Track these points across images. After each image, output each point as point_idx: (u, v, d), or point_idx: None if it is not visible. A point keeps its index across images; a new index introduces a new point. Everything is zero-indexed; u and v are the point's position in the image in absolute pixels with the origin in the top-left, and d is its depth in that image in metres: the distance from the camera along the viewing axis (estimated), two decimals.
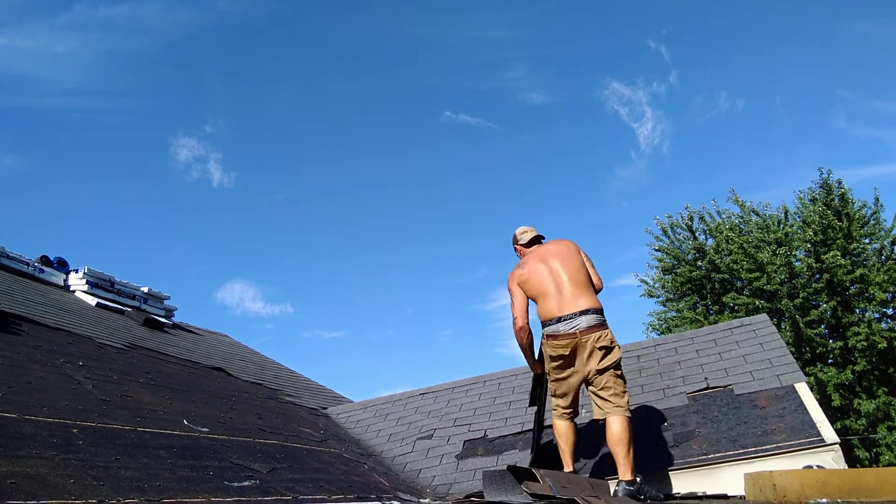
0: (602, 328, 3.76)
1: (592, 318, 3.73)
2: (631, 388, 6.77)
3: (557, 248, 3.98)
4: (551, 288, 3.82)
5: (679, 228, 17.96)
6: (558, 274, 3.84)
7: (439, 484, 5.42)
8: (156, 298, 9.44)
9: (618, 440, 3.56)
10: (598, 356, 3.72)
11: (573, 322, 3.71)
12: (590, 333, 3.71)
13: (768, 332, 6.78)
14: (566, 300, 3.76)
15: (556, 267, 3.88)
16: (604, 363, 3.72)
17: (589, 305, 3.75)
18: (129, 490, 2.80)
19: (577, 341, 3.70)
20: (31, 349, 4.89)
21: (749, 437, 5.08)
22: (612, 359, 3.74)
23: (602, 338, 3.73)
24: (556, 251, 3.95)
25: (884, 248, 15.74)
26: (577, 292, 3.77)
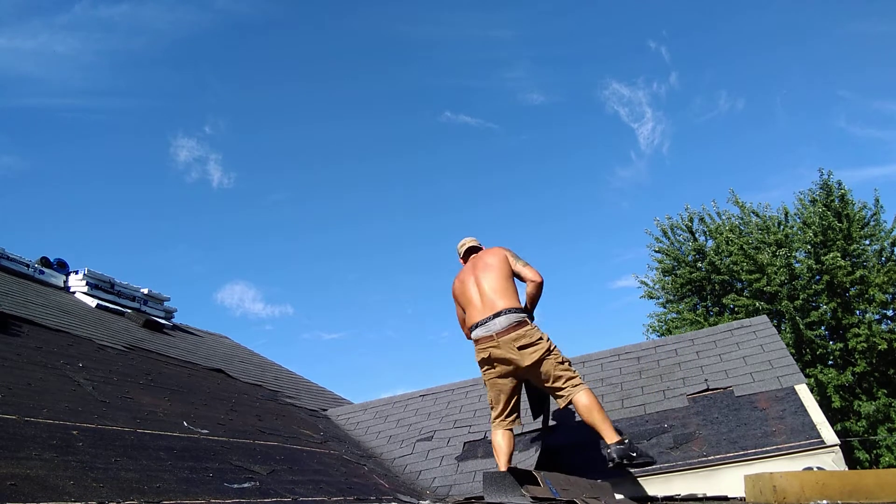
0: (521, 327, 3.78)
1: (508, 318, 3.77)
2: (631, 389, 6.78)
3: (483, 261, 4.07)
4: (475, 297, 3.92)
5: (679, 230, 17.98)
6: (481, 283, 3.94)
7: (439, 486, 5.42)
8: (156, 300, 9.45)
9: (589, 410, 3.63)
10: (523, 354, 3.75)
11: (489, 325, 3.78)
12: (507, 334, 3.75)
13: (768, 334, 6.78)
14: (486, 306, 3.85)
15: (479, 277, 3.98)
16: (533, 357, 3.75)
17: (505, 306, 3.80)
18: (129, 492, 2.80)
19: (495, 343, 3.76)
20: (31, 351, 4.89)
21: (749, 439, 5.07)
22: (540, 352, 3.76)
23: (521, 336, 3.75)
24: (483, 263, 4.04)
25: (884, 249, 15.75)
26: (497, 297, 3.84)
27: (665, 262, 17.97)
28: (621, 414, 6.31)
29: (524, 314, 3.84)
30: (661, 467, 4.86)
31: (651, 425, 5.89)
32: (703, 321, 16.15)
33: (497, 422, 4.01)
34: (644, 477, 5.12)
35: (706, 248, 17.30)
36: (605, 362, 7.59)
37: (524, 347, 3.74)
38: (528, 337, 3.76)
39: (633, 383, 6.85)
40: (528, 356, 3.74)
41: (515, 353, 3.73)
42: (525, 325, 3.79)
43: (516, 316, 3.79)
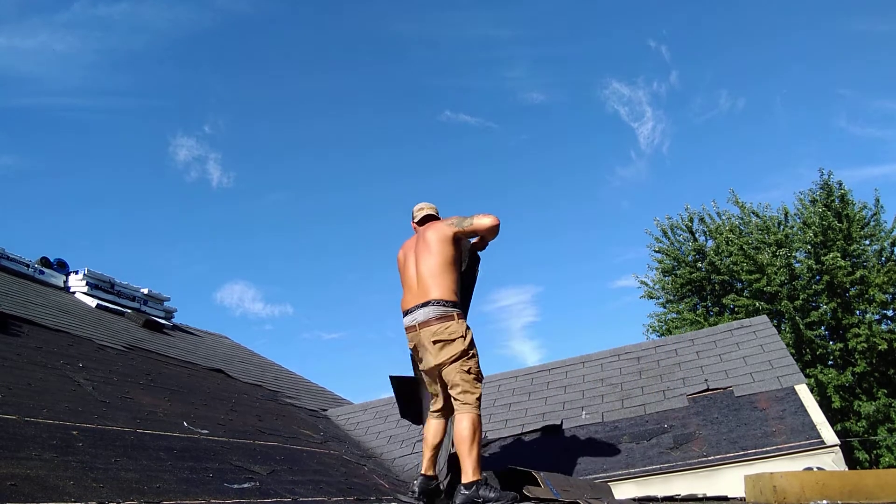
0: (444, 320, 3.45)
1: (432, 310, 3.46)
2: (631, 389, 6.78)
3: (426, 238, 3.70)
4: (412, 280, 3.64)
5: (679, 230, 17.99)
6: (419, 265, 3.63)
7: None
8: (156, 300, 9.45)
9: (461, 439, 3.29)
10: (435, 350, 3.43)
11: (415, 314, 3.52)
12: (428, 326, 3.46)
13: (768, 334, 6.79)
14: (419, 292, 3.56)
15: (419, 256, 3.66)
16: (441, 357, 3.41)
17: (433, 297, 3.49)
18: (129, 492, 2.80)
19: (417, 334, 3.50)
20: (31, 351, 4.89)
21: (749, 439, 5.07)
22: (451, 353, 3.41)
23: (440, 331, 3.43)
24: (424, 241, 3.69)
25: (884, 249, 15.76)
26: (431, 283, 3.53)
27: (665, 262, 17.97)
28: (621, 414, 6.31)
29: (453, 308, 3.48)
30: (661, 467, 4.86)
31: (651, 425, 5.89)
32: (703, 321, 16.15)
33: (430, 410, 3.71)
34: (644, 477, 5.12)
35: (706, 248, 17.31)
36: (605, 362, 7.59)
37: (437, 343, 3.43)
38: (446, 334, 3.42)
39: (633, 383, 6.85)
40: (437, 354, 3.42)
41: (430, 347, 3.44)
42: (449, 319, 3.45)
43: (442, 309, 3.45)
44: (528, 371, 8.07)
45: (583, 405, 6.73)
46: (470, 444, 3.27)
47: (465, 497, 3.19)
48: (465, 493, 3.19)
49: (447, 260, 3.57)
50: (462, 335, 3.45)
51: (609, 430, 6.07)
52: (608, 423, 6.21)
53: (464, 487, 3.21)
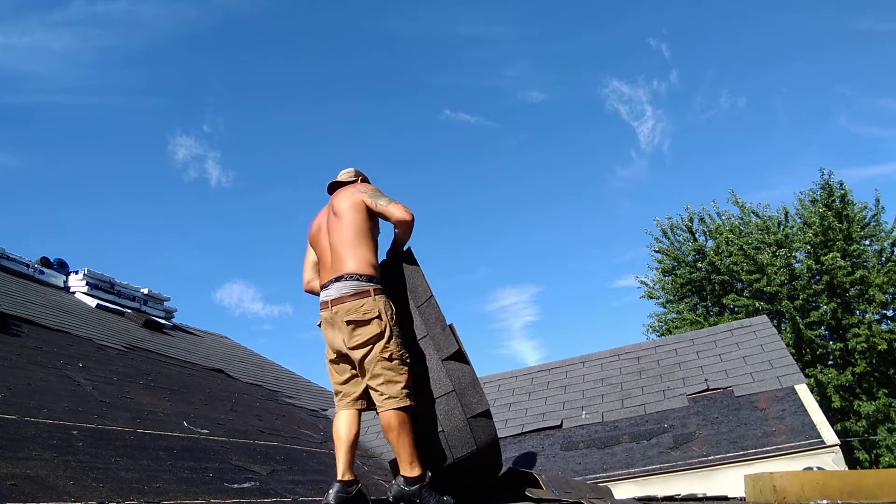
0: (358, 297, 3.01)
1: (347, 285, 3.03)
2: (631, 389, 6.79)
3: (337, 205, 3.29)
4: (325, 253, 3.25)
5: (679, 230, 18.00)
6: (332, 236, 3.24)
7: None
8: (156, 300, 9.45)
9: (386, 429, 2.90)
10: (346, 332, 2.98)
11: (328, 290, 3.09)
12: (341, 304, 3.01)
13: (768, 334, 6.79)
14: (332, 266, 3.15)
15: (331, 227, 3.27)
16: (354, 340, 2.96)
17: (349, 270, 3.07)
18: (129, 492, 2.80)
19: (329, 313, 3.06)
20: (31, 351, 4.89)
21: (749, 439, 5.08)
22: (365, 335, 2.95)
23: (353, 309, 2.98)
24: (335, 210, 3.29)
25: (884, 249, 15.77)
26: (346, 255, 3.13)
27: (665, 263, 17.99)
28: (621, 414, 6.32)
29: (368, 283, 3.04)
30: (661, 467, 4.87)
31: (651, 425, 5.90)
32: (703, 321, 16.16)
33: (338, 398, 3.16)
34: (644, 477, 5.12)
35: (706, 249, 17.32)
36: (605, 362, 7.59)
37: (351, 324, 2.97)
38: (360, 313, 2.97)
39: (633, 383, 6.85)
40: (349, 336, 2.97)
41: (343, 328, 3.00)
42: (364, 296, 3.00)
43: (356, 284, 3.02)
44: (528, 371, 8.08)
45: (583, 405, 6.73)
46: (397, 434, 2.87)
47: (402, 493, 2.82)
48: (404, 490, 2.83)
49: (360, 229, 3.19)
50: (378, 315, 2.98)
51: (609, 430, 6.08)
52: (608, 423, 6.22)
53: (403, 480, 2.84)
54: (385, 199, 3.27)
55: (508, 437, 6.43)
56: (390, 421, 2.88)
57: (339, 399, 3.12)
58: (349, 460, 2.97)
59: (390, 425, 2.88)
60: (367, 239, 3.20)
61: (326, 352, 3.16)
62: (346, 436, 3.01)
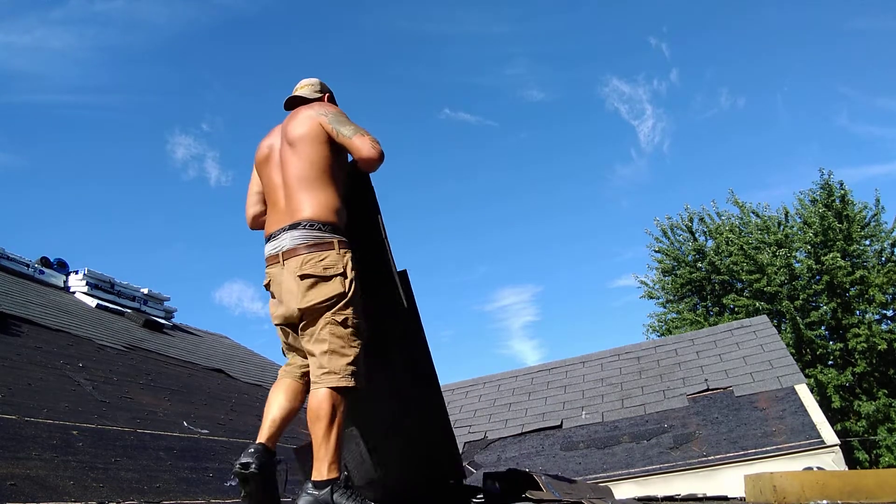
0: (318, 248, 2.47)
1: (305, 235, 2.49)
2: (631, 389, 6.79)
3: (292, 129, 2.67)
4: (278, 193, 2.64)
5: (679, 230, 18.02)
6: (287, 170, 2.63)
7: None
8: (156, 300, 9.45)
9: (313, 416, 2.31)
10: (301, 289, 2.42)
11: (280, 240, 2.53)
12: (295, 256, 2.47)
13: (768, 334, 6.79)
14: (287, 211, 2.57)
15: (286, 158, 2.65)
16: (309, 300, 2.41)
17: (307, 216, 2.51)
18: (129, 492, 2.80)
19: (280, 266, 2.51)
20: (31, 351, 4.89)
21: (749, 439, 5.08)
22: (322, 296, 2.41)
23: (311, 262, 2.44)
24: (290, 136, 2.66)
25: (884, 249, 15.78)
26: (303, 197, 2.55)
27: (665, 262, 18.00)
28: (621, 414, 6.32)
29: (332, 234, 2.50)
30: (661, 467, 4.87)
31: (651, 425, 5.89)
32: (703, 321, 16.16)
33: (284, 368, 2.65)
34: (644, 477, 5.12)
35: (706, 249, 17.33)
36: (605, 362, 7.59)
37: (306, 279, 2.42)
38: (320, 267, 2.43)
39: (633, 383, 6.85)
40: (303, 295, 2.42)
41: (295, 285, 2.45)
42: (326, 248, 2.47)
43: (316, 234, 2.48)
44: (528, 371, 8.08)
45: (583, 405, 6.73)
46: (328, 424, 2.29)
47: (313, 499, 2.25)
48: (314, 494, 2.25)
49: (321, 165, 2.59)
50: (343, 272, 2.45)
51: (609, 430, 6.07)
52: (608, 423, 6.21)
53: (312, 486, 2.26)
54: (350, 127, 2.63)
55: (508, 437, 6.43)
56: (322, 403, 2.29)
57: (285, 369, 2.60)
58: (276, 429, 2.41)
59: (321, 409, 2.29)
60: (330, 178, 2.59)
61: (271, 311, 2.61)
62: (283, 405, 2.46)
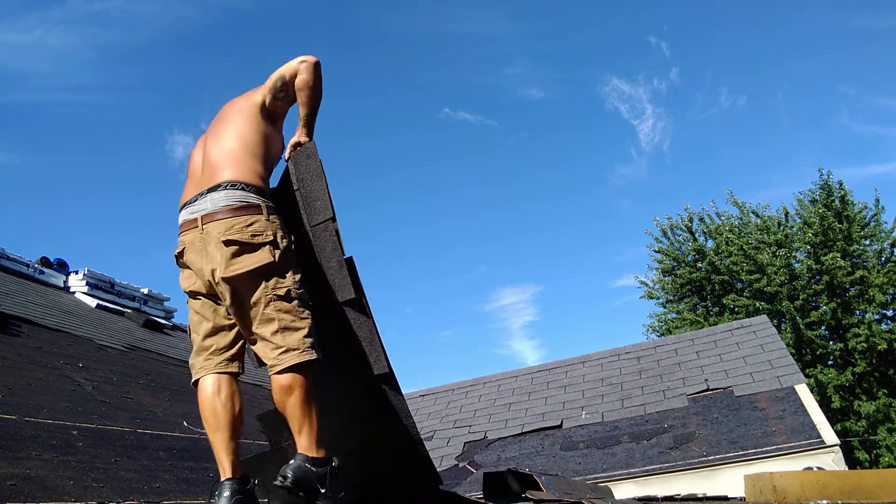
0: (244, 212, 2.19)
1: (227, 196, 2.20)
2: (631, 389, 6.79)
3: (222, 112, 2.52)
4: (196, 164, 2.40)
5: (679, 230, 18.03)
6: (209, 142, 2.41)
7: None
8: (156, 300, 9.45)
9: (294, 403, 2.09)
10: (225, 256, 2.14)
11: (198, 204, 2.24)
12: (218, 220, 2.18)
13: (768, 334, 6.79)
14: (204, 176, 2.31)
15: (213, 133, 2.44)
16: (234, 268, 2.13)
17: (231, 177, 2.25)
18: (129, 492, 2.80)
19: (197, 231, 2.21)
20: (31, 351, 4.89)
21: (749, 439, 5.08)
22: (251, 264, 2.14)
23: (237, 227, 2.16)
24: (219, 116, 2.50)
25: (884, 250, 15.79)
26: (225, 161, 2.29)
27: (665, 263, 18.01)
28: (621, 414, 6.32)
29: (259, 197, 2.24)
30: (661, 467, 4.87)
31: (651, 425, 5.89)
32: (703, 321, 16.17)
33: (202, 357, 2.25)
34: (644, 477, 5.12)
35: (706, 249, 17.34)
36: (605, 362, 7.60)
37: (231, 245, 2.14)
38: (247, 233, 2.16)
39: (633, 383, 6.85)
40: (226, 263, 2.14)
41: (216, 252, 2.15)
42: (254, 213, 2.20)
43: (241, 194, 2.21)
44: (528, 371, 8.08)
45: (583, 405, 6.73)
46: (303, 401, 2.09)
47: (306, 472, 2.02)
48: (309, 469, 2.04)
49: (249, 133, 2.37)
50: (272, 240, 2.19)
51: (609, 430, 6.07)
52: (608, 423, 6.22)
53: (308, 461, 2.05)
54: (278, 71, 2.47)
55: (508, 437, 6.43)
56: (290, 381, 2.10)
57: (206, 358, 2.24)
58: (236, 449, 2.13)
59: (290, 387, 2.10)
60: (259, 146, 2.36)
61: (184, 286, 2.32)
62: (227, 415, 2.15)
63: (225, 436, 2.13)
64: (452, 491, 3.12)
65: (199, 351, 2.27)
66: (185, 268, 2.30)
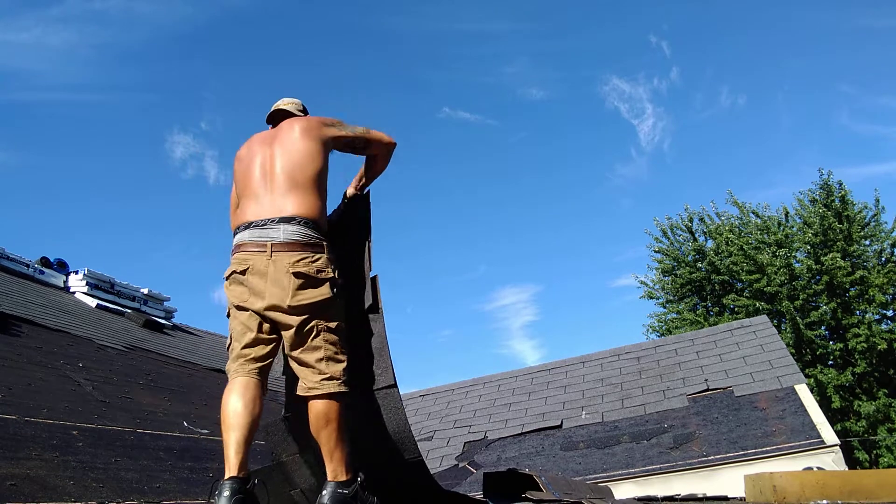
0: (311, 250, 2.43)
1: (297, 231, 2.43)
2: (631, 389, 6.79)
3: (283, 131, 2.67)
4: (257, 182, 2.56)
5: (679, 230, 18.03)
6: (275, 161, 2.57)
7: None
8: (156, 300, 9.45)
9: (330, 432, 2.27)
10: (291, 286, 2.36)
11: (266, 230, 2.44)
12: (287, 251, 2.40)
13: (768, 334, 6.79)
14: (272, 202, 2.50)
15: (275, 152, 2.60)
16: (299, 299, 2.36)
17: (299, 213, 2.46)
18: (129, 492, 2.80)
19: (266, 258, 2.41)
20: (31, 351, 4.89)
21: (749, 439, 5.08)
22: (314, 297, 2.37)
23: (305, 262, 2.39)
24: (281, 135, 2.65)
25: (884, 250, 15.79)
26: (294, 192, 2.50)
27: (665, 263, 18.01)
28: (621, 414, 6.32)
29: (322, 238, 2.48)
30: (661, 467, 4.87)
31: (651, 425, 5.89)
32: (703, 321, 16.17)
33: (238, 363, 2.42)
34: (644, 477, 5.12)
35: (706, 249, 17.35)
36: (605, 362, 7.59)
37: (301, 278, 2.37)
38: (313, 268, 2.40)
39: (633, 383, 6.85)
40: (292, 293, 2.36)
41: (286, 280, 2.37)
42: (318, 251, 2.44)
43: (311, 234, 2.44)
44: (527, 371, 8.08)
45: (583, 405, 6.73)
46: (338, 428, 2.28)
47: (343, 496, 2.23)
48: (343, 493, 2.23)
49: (315, 167, 2.55)
50: (333, 277, 2.43)
51: (609, 430, 6.07)
52: (608, 423, 6.21)
53: (338, 485, 2.24)
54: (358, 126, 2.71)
55: (508, 437, 6.44)
56: (329, 410, 2.27)
57: (241, 364, 2.40)
58: (246, 451, 2.23)
59: (328, 416, 2.26)
60: (320, 184, 2.56)
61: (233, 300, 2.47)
62: (247, 415, 2.27)
63: (239, 434, 2.23)
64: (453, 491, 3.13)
65: (237, 358, 2.43)
66: (240, 284, 2.46)
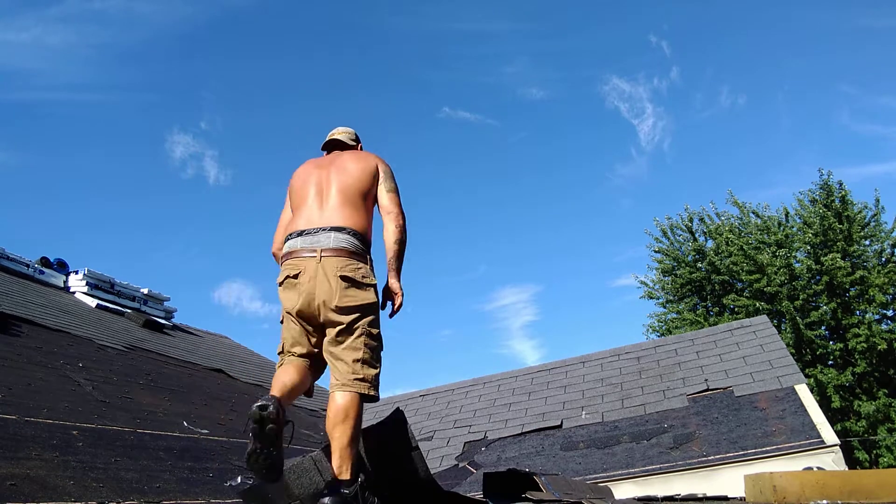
0: (357, 258, 2.64)
1: (346, 239, 2.63)
2: (631, 389, 6.79)
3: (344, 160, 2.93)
4: (312, 197, 2.79)
5: (679, 230, 18.03)
6: (331, 182, 2.81)
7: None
8: (156, 300, 9.45)
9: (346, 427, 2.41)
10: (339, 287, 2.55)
11: (317, 237, 2.64)
12: (336, 256, 2.60)
13: (768, 334, 6.79)
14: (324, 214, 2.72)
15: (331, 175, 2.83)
16: (346, 300, 2.55)
17: (351, 225, 2.68)
18: (129, 492, 2.80)
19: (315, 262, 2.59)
20: (31, 351, 4.89)
21: (749, 439, 5.08)
22: (360, 300, 2.58)
23: (351, 267, 2.59)
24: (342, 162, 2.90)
25: (884, 250, 15.79)
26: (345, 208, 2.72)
27: (665, 263, 18.01)
28: (621, 414, 6.32)
29: (367, 252, 2.73)
30: (661, 467, 4.87)
31: (651, 425, 5.89)
32: (703, 321, 16.17)
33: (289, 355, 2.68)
34: (644, 477, 5.12)
35: (706, 249, 17.34)
36: (605, 362, 7.59)
37: (347, 281, 2.57)
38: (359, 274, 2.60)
39: (633, 383, 6.85)
40: (341, 293, 2.55)
41: (332, 282, 2.56)
42: (362, 261, 2.65)
43: (359, 244, 2.66)
44: (527, 371, 8.08)
45: (583, 405, 6.73)
46: (353, 426, 2.42)
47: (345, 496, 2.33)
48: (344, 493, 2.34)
49: (365, 190, 2.80)
50: (375, 285, 2.67)
51: (609, 430, 6.07)
52: (608, 423, 6.22)
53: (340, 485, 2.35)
54: (393, 184, 2.93)
55: (508, 437, 6.44)
56: (350, 406, 2.44)
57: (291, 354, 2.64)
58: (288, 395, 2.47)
59: (348, 411, 2.43)
60: (368, 206, 2.82)
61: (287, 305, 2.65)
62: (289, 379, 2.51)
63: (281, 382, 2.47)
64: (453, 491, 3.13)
65: (287, 353, 2.66)
66: (292, 288, 2.65)
